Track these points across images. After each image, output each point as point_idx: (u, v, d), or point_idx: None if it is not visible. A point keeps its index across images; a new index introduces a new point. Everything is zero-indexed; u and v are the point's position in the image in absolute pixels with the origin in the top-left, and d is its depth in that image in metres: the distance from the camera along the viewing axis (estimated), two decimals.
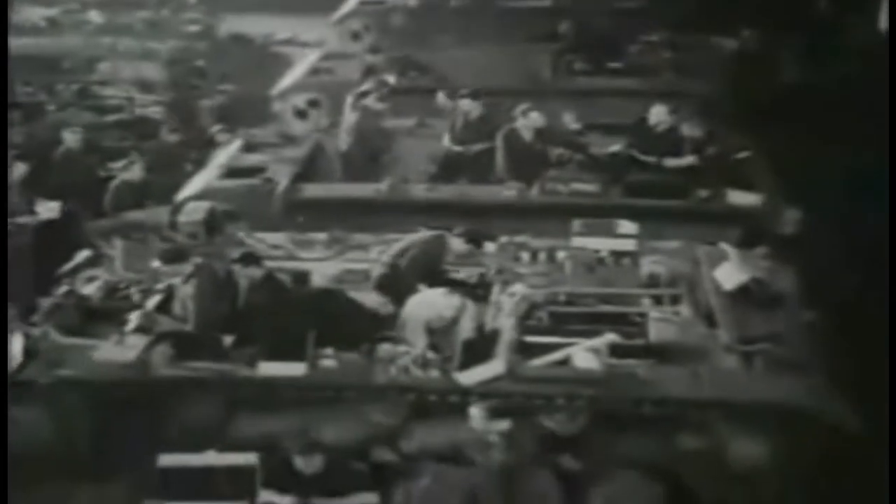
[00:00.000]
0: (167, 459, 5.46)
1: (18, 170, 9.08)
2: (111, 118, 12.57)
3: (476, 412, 6.38)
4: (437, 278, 7.71)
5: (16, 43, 13.98)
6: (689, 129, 9.88)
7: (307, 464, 5.82)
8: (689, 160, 9.55)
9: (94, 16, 16.35)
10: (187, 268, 7.43)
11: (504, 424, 6.31)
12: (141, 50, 14.40)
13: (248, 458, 5.42)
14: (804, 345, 7.03)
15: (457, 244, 7.79)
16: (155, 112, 12.67)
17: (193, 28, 15.86)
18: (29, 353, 6.88)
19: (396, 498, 6.10)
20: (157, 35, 15.27)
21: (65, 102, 13.25)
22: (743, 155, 9.78)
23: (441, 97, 11.14)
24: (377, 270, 7.85)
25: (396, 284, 7.60)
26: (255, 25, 16.83)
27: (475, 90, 10.53)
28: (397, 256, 7.85)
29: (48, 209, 8.85)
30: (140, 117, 12.61)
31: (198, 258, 7.54)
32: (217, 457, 5.81)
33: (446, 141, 10.33)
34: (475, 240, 7.78)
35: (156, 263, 7.63)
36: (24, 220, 8.85)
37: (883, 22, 14.65)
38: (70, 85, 13.61)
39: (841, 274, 8.89)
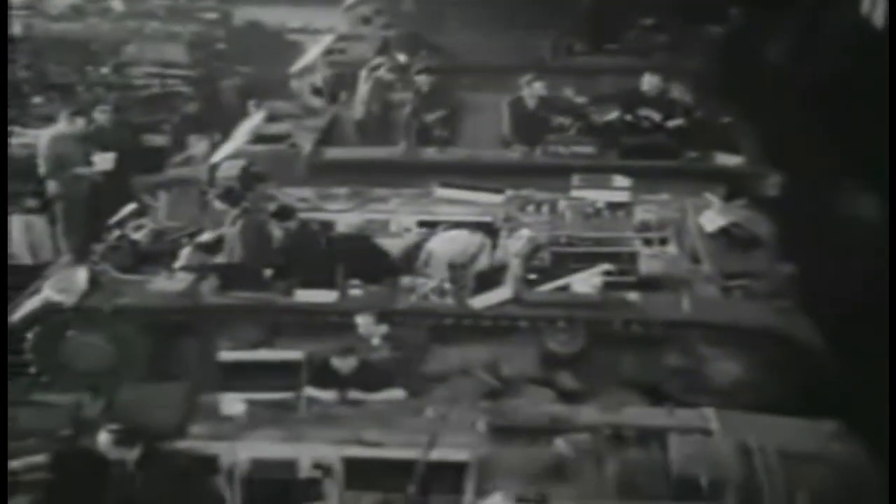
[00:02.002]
0: (226, 355, 6.32)
1: (77, 124, 9.82)
2: (140, 94, 13.24)
3: (362, 320, 7.21)
4: None
5: (46, 27, 14.95)
6: (680, 94, 10.63)
7: (343, 364, 6.66)
8: (679, 121, 10.26)
9: (116, 4, 17.00)
10: (236, 211, 8.25)
11: (384, 328, 7.20)
12: (165, 33, 15.04)
13: (296, 354, 6.21)
14: (779, 282, 7.90)
15: None
16: (182, 87, 13.32)
17: (210, 15, 16.48)
18: (93, 282, 7.78)
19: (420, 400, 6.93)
20: (176, 20, 15.89)
21: (94, 82, 13.92)
22: (728, 119, 10.51)
23: (364, 74, 11.80)
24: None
25: None
26: (268, 15, 17.48)
27: (426, 67, 11.46)
28: None
29: (104, 160, 9.60)
30: (167, 92, 13.26)
31: (245, 203, 8.37)
32: (269, 353, 6.69)
33: (407, 112, 11.04)
34: None
35: (216, 203, 8.39)
36: (81, 170, 9.67)
37: (865, 6, 15.37)
38: (99, 67, 14.25)
39: (817, 232, 9.60)
